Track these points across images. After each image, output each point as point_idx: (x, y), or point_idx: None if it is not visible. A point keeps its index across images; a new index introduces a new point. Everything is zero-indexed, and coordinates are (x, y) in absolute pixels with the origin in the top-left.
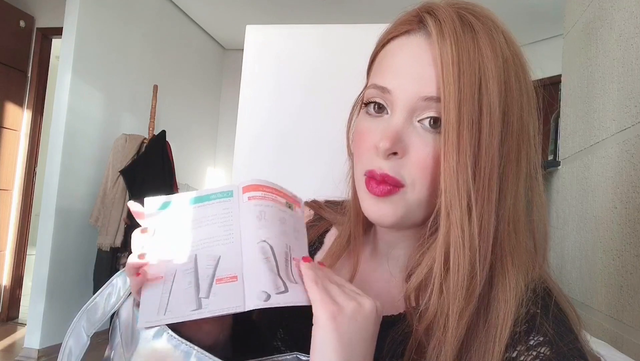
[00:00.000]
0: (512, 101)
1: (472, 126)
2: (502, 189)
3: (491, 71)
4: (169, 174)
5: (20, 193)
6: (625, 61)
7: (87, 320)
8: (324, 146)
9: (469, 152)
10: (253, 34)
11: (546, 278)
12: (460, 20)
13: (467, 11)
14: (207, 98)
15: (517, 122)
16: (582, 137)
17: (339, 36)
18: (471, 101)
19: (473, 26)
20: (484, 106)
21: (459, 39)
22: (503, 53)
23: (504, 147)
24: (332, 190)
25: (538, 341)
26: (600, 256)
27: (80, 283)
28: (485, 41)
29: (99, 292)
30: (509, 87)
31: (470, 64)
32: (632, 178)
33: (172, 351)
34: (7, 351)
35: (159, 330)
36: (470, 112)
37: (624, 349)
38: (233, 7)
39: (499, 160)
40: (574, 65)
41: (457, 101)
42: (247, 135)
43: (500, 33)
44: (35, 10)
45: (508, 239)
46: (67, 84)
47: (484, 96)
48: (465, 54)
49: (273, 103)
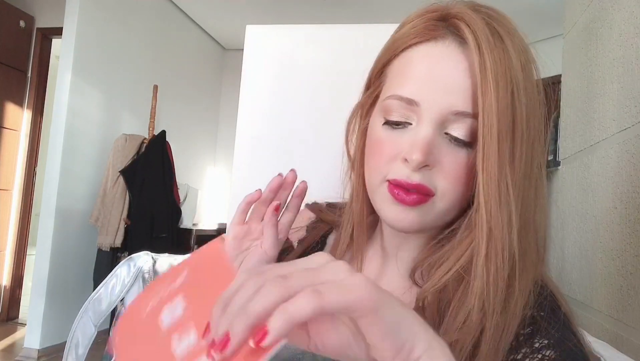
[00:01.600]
0: (532, 107)
1: (507, 137)
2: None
3: (520, 81)
4: (169, 174)
5: (20, 193)
6: (625, 60)
7: (93, 310)
8: (324, 146)
9: (507, 163)
10: (253, 34)
11: (547, 280)
12: (488, 27)
13: (490, 17)
14: (207, 98)
15: (534, 127)
16: (582, 137)
17: (339, 36)
18: (506, 112)
19: (500, 34)
20: (517, 116)
21: (493, 48)
22: (523, 59)
23: (530, 153)
24: (333, 190)
25: (543, 344)
26: (600, 256)
27: (80, 283)
28: (511, 49)
29: (103, 283)
30: (530, 93)
31: (505, 74)
32: (632, 178)
33: None
34: (7, 351)
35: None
36: (507, 123)
37: (624, 349)
38: (233, 7)
39: (527, 167)
40: (574, 65)
41: (496, 114)
42: (247, 135)
43: (517, 38)
44: (35, 10)
45: (526, 242)
46: (67, 84)
47: (516, 106)
48: (500, 64)
49: (273, 103)
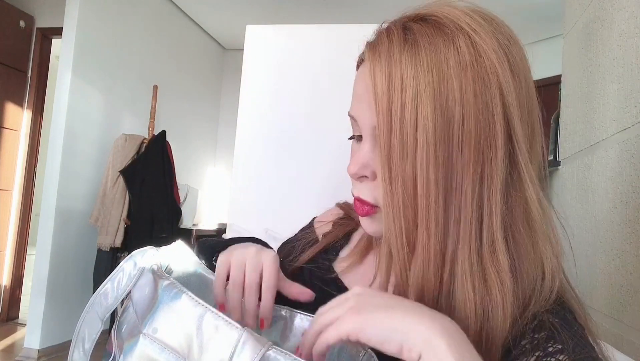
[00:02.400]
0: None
1: (404, 149)
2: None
3: (427, 90)
4: (169, 174)
5: (20, 193)
6: (625, 61)
7: (100, 305)
8: (324, 146)
9: (402, 176)
10: (253, 34)
11: (566, 290)
12: (403, 37)
13: (422, 19)
14: (207, 98)
15: (477, 133)
16: (582, 137)
17: (339, 36)
18: (402, 128)
19: (417, 41)
20: (419, 128)
21: (392, 64)
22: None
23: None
24: (332, 189)
25: (556, 349)
26: (600, 256)
27: (80, 283)
28: (425, 56)
29: (110, 278)
30: (459, 99)
31: (403, 89)
32: (632, 178)
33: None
34: (7, 351)
35: (177, 292)
36: (402, 135)
37: (624, 349)
38: (233, 7)
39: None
40: (574, 65)
41: (388, 131)
42: (247, 135)
43: (465, 35)
44: (35, 10)
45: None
46: (67, 84)
47: (419, 115)
48: (398, 79)
49: (273, 103)
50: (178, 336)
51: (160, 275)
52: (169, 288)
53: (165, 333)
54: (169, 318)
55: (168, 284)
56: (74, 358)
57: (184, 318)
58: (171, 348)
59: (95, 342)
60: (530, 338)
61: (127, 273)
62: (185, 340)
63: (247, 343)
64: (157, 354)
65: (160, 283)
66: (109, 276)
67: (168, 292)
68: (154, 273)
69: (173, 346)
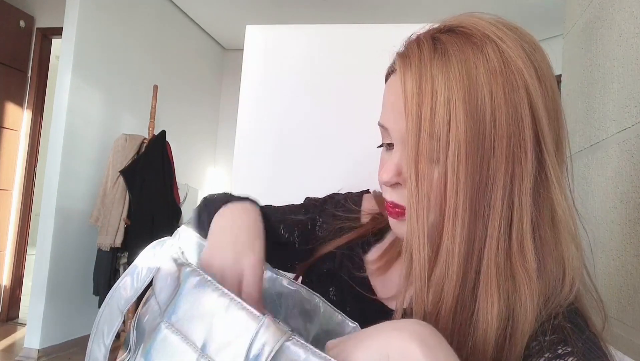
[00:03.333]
0: (497, 116)
1: (433, 151)
2: (490, 209)
3: (459, 95)
4: (169, 174)
5: (20, 193)
6: (625, 60)
7: (120, 297)
8: (325, 146)
9: (427, 182)
10: (253, 34)
11: (580, 298)
12: (433, 47)
13: (449, 31)
14: (207, 98)
15: (508, 136)
16: (582, 137)
17: (339, 36)
18: (432, 130)
19: (447, 50)
20: (451, 131)
21: (423, 71)
22: (488, 67)
23: (485, 167)
24: (334, 190)
25: (566, 352)
26: (600, 256)
27: (80, 283)
28: (456, 64)
29: (128, 270)
30: (489, 104)
31: (433, 94)
32: (632, 178)
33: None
34: (7, 351)
35: (200, 280)
36: (431, 138)
37: (624, 349)
38: (233, 7)
39: (473, 182)
40: (574, 65)
41: (416, 134)
42: (247, 135)
43: (492, 43)
44: (35, 10)
45: (495, 260)
46: (67, 84)
47: (451, 117)
48: (428, 84)
49: (273, 103)
50: (199, 327)
51: (182, 263)
52: (191, 276)
53: (185, 323)
54: (190, 308)
55: (190, 271)
56: (92, 351)
57: (206, 308)
58: (191, 340)
59: (115, 335)
60: (541, 340)
61: (146, 264)
62: (206, 331)
63: (268, 330)
64: (177, 344)
65: (183, 271)
66: (128, 269)
67: (191, 280)
68: (176, 261)
69: (193, 337)
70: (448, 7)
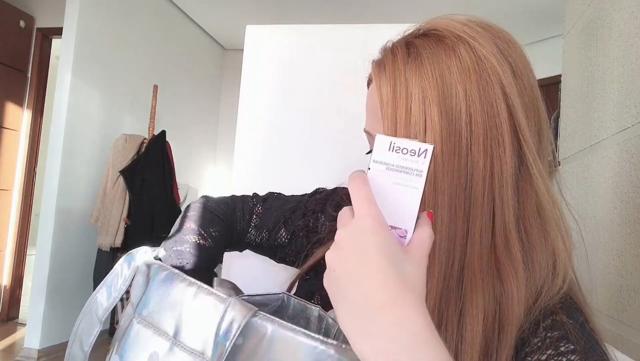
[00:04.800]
0: (473, 114)
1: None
2: (471, 204)
3: (433, 95)
4: (169, 174)
5: (20, 193)
6: (625, 60)
7: (97, 305)
8: (325, 146)
9: None
10: (253, 34)
11: (577, 293)
12: (406, 52)
13: (423, 35)
14: (207, 98)
15: (484, 132)
16: (582, 137)
17: (339, 36)
18: (407, 132)
19: (420, 52)
20: (428, 131)
21: (396, 75)
22: (461, 67)
23: (463, 163)
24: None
25: (569, 349)
26: (600, 256)
27: (80, 283)
28: (428, 66)
29: (104, 280)
30: (464, 102)
31: (407, 97)
32: (632, 178)
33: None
34: (7, 351)
35: (168, 273)
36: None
37: (624, 349)
38: (233, 7)
39: (452, 179)
40: (574, 65)
41: (392, 133)
42: (247, 135)
43: (465, 44)
44: (35, 10)
45: (478, 254)
46: (67, 84)
47: (427, 118)
48: (402, 88)
49: (273, 103)
50: (170, 316)
51: (151, 263)
52: (160, 271)
53: (156, 314)
54: (159, 299)
55: (158, 267)
56: (71, 356)
57: (175, 298)
58: (162, 330)
59: (94, 343)
60: (543, 336)
61: (122, 274)
62: (177, 319)
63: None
64: (149, 336)
65: (152, 268)
66: (104, 279)
67: (159, 275)
68: (146, 264)
69: (164, 327)
70: (447, 7)
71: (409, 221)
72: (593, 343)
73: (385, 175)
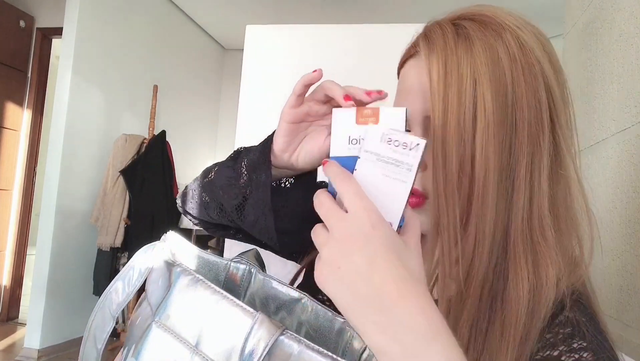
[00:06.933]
0: (519, 99)
1: (461, 131)
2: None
3: (485, 77)
4: (169, 174)
5: (20, 193)
6: (625, 60)
7: (111, 301)
8: None
9: (456, 163)
10: (253, 34)
11: (587, 288)
12: (455, 32)
13: (469, 18)
14: (207, 98)
15: (529, 118)
16: (582, 137)
17: (339, 36)
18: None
19: (469, 35)
20: (478, 112)
21: (448, 54)
22: (508, 53)
23: (509, 147)
24: None
25: (581, 346)
26: (600, 256)
27: (80, 283)
28: (480, 48)
29: (119, 274)
30: (511, 87)
31: (459, 76)
32: (632, 178)
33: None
34: (7, 351)
35: (192, 279)
36: (459, 119)
37: (624, 349)
38: (233, 7)
39: (500, 162)
40: (574, 65)
41: (443, 115)
42: (247, 135)
43: (508, 33)
44: (35, 10)
45: (521, 237)
46: (67, 84)
47: (478, 98)
48: (454, 67)
49: (273, 103)
50: (192, 324)
51: (172, 264)
52: (182, 275)
53: (178, 321)
54: (182, 306)
55: (181, 271)
56: (85, 354)
57: (198, 306)
58: (183, 337)
59: (107, 339)
60: (555, 332)
61: (137, 268)
62: (199, 328)
63: (262, 325)
64: (169, 343)
65: (174, 271)
66: (119, 273)
67: (182, 279)
68: (167, 263)
69: (185, 335)
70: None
71: (396, 213)
72: (605, 341)
73: (376, 166)
